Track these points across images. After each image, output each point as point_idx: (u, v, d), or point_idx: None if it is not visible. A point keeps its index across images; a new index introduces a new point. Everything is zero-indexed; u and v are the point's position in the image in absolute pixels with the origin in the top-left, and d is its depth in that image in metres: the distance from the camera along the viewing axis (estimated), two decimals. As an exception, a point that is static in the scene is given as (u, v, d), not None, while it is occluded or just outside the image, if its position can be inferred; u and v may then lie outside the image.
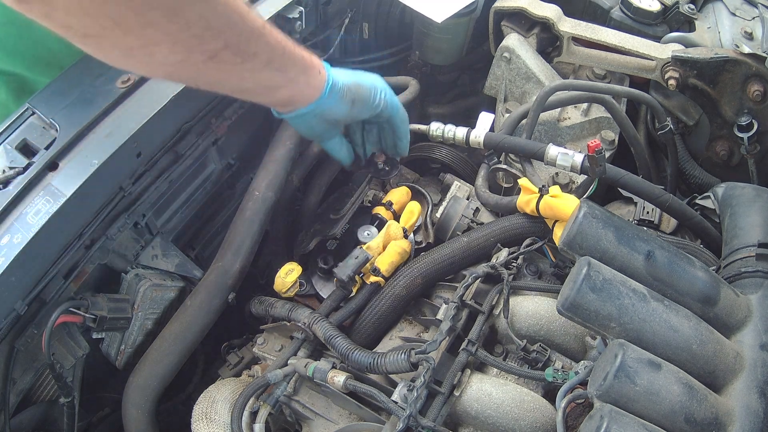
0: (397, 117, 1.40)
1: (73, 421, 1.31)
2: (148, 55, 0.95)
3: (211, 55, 0.99)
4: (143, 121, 1.24)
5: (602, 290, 0.95)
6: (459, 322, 1.18)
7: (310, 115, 1.26)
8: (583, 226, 1.05)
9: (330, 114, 1.28)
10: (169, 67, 1.00)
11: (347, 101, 1.28)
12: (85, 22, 0.86)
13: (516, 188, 1.48)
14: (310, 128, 1.31)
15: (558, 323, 1.17)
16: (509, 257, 1.27)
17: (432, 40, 1.92)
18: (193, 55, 0.98)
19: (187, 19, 0.93)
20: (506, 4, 1.75)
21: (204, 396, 1.27)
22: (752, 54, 1.47)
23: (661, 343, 0.95)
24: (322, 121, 1.29)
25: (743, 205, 1.27)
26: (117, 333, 1.37)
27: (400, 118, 1.41)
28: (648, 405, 0.89)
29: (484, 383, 1.10)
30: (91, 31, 0.88)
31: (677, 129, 1.75)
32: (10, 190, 1.13)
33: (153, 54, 0.95)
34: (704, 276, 1.05)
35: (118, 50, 0.94)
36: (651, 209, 1.43)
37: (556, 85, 1.53)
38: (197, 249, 1.68)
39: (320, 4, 1.65)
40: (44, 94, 1.25)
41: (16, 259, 1.08)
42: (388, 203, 1.45)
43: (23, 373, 1.25)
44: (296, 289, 1.38)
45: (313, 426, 1.21)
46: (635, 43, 1.64)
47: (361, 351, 1.16)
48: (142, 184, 1.33)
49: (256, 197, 1.46)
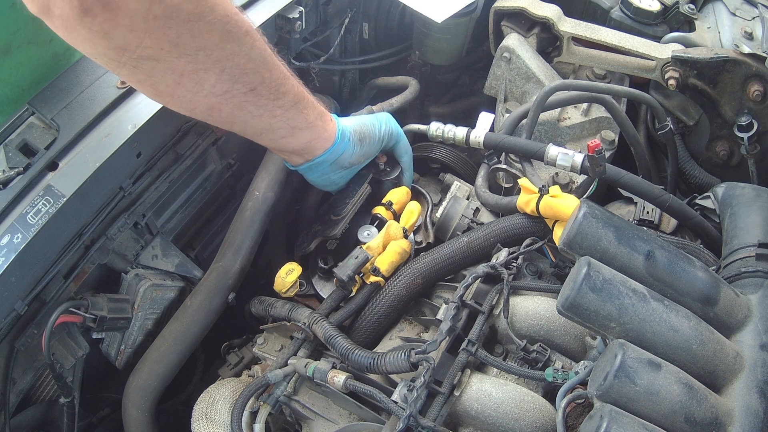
0: (400, 146, 1.48)
1: (73, 421, 1.31)
2: (196, 83, 0.99)
3: (251, 87, 1.06)
4: (143, 121, 1.24)
5: (602, 290, 0.95)
6: (459, 322, 1.18)
7: (326, 163, 1.34)
8: (583, 226, 1.05)
9: (344, 159, 1.36)
10: (214, 99, 1.04)
11: (357, 141, 1.36)
12: (145, 42, 0.89)
13: (516, 188, 1.48)
14: (325, 176, 1.39)
15: (558, 323, 1.17)
16: (509, 257, 1.27)
17: (432, 40, 1.92)
18: (237, 86, 1.04)
19: (234, 50, 0.99)
20: (506, 4, 1.74)
21: (204, 396, 1.27)
22: (752, 54, 1.47)
23: (661, 343, 0.95)
24: (336, 167, 1.37)
25: (743, 205, 1.27)
26: (117, 333, 1.37)
27: (403, 147, 1.49)
28: (648, 405, 0.89)
29: (484, 383, 1.10)
30: (148, 52, 0.91)
31: (677, 129, 1.75)
32: (10, 190, 1.13)
33: (202, 82, 0.99)
34: (704, 276, 1.05)
35: (169, 77, 0.97)
36: (651, 209, 1.43)
37: (556, 85, 1.53)
38: (197, 249, 1.68)
39: (320, 4, 1.65)
40: (44, 94, 1.25)
41: (16, 259, 1.08)
42: (388, 203, 1.46)
43: (23, 373, 1.25)
44: (296, 289, 1.38)
45: (313, 426, 1.21)
46: (635, 43, 1.64)
47: (361, 351, 1.16)
48: (142, 184, 1.34)
49: (256, 197, 1.46)
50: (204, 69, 0.98)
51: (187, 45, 0.93)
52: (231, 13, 0.97)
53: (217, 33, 0.95)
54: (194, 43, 0.93)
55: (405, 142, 1.50)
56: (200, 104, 1.05)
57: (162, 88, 1.00)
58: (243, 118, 1.12)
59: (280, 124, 1.18)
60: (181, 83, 0.98)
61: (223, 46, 0.97)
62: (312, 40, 1.68)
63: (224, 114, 1.09)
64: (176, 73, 0.96)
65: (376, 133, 1.40)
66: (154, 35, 0.89)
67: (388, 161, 1.52)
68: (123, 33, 0.87)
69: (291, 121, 1.19)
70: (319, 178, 1.39)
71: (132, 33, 0.88)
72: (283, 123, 1.18)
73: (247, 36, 1.01)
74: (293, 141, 1.25)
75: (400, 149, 1.49)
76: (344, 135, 1.32)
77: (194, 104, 1.05)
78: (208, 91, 1.01)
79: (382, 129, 1.41)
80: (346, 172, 1.42)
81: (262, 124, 1.16)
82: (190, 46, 0.93)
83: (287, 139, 1.23)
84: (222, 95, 1.03)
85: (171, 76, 0.97)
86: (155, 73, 0.96)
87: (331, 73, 1.91)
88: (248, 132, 1.19)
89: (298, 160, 1.33)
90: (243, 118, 1.12)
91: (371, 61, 1.97)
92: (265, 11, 1.46)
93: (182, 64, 0.95)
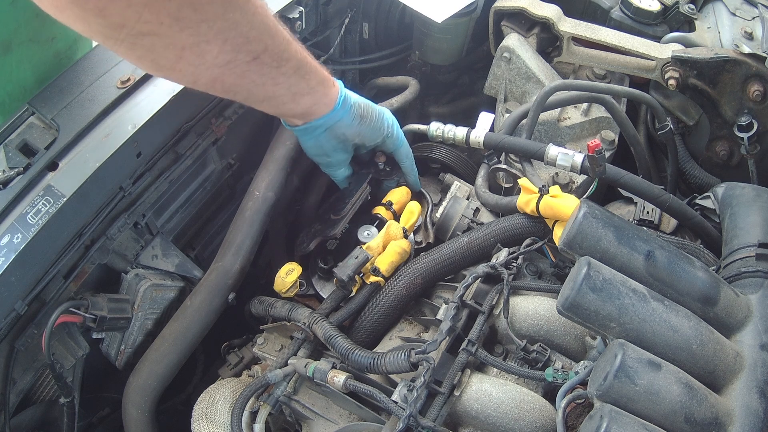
0: (401, 150, 1.48)
1: (73, 421, 1.31)
2: (199, 55, 0.96)
3: (255, 56, 1.03)
4: (143, 121, 1.24)
5: (602, 290, 0.95)
6: (459, 322, 1.18)
7: (321, 128, 1.31)
8: (583, 226, 1.05)
9: (339, 128, 1.33)
10: (217, 70, 1.01)
11: (356, 116, 1.34)
12: (144, 17, 0.85)
13: (516, 188, 1.48)
14: (318, 145, 1.37)
15: (558, 323, 1.17)
16: (509, 257, 1.27)
17: (432, 40, 1.92)
18: (240, 55, 1.01)
19: (236, 19, 0.96)
20: (506, 4, 1.74)
21: (204, 396, 1.27)
22: (752, 54, 1.47)
23: (661, 343, 0.95)
24: (331, 136, 1.34)
25: (743, 205, 1.27)
26: (117, 333, 1.37)
27: (404, 152, 1.49)
28: (648, 405, 0.89)
29: (484, 383, 1.10)
30: (147, 27, 0.87)
31: (677, 129, 1.75)
32: (10, 190, 1.13)
33: (204, 54, 0.96)
34: (704, 276, 1.05)
35: (171, 51, 0.94)
36: (651, 209, 1.43)
37: (556, 85, 1.53)
38: (197, 249, 1.68)
39: (320, 4, 1.65)
40: (44, 94, 1.25)
41: (16, 259, 1.08)
42: (388, 203, 1.46)
43: (23, 373, 1.25)
44: (296, 289, 1.38)
45: (313, 426, 1.21)
46: (635, 43, 1.64)
47: (361, 351, 1.16)
48: (142, 184, 1.34)
49: (256, 197, 1.46)
50: (206, 41, 0.94)
51: (189, 18, 0.89)
52: None
53: (219, 3, 0.92)
54: (196, 15, 0.90)
55: (406, 147, 1.49)
56: (203, 76, 1.03)
57: (163, 62, 0.97)
58: (246, 87, 1.10)
59: (283, 91, 1.16)
60: (183, 57, 0.95)
61: (225, 15, 0.93)
62: (312, 40, 1.68)
63: (227, 84, 1.07)
64: (177, 47, 0.93)
65: (378, 119, 1.39)
66: (154, 9, 0.85)
67: (387, 161, 1.52)
68: (120, 9, 0.84)
69: (293, 87, 1.17)
70: (312, 143, 1.36)
71: (130, 8, 0.84)
72: (285, 90, 1.16)
73: (248, 3, 0.97)
74: (295, 107, 1.24)
75: (402, 154, 1.48)
76: (346, 102, 1.30)
77: (197, 77, 1.03)
78: (210, 63, 0.98)
79: (386, 120, 1.40)
80: (339, 144, 1.39)
81: (265, 92, 1.14)
82: (191, 19, 0.90)
83: (289, 105, 1.22)
84: (225, 66, 1.00)
85: (172, 51, 0.94)
86: (155, 48, 0.93)
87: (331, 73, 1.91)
88: (251, 100, 1.17)
89: (297, 122, 1.31)
90: (246, 87, 1.10)
91: (371, 61, 1.97)
92: (265, 11, 1.46)
93: (184, 38, 0.92)
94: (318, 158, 1.44)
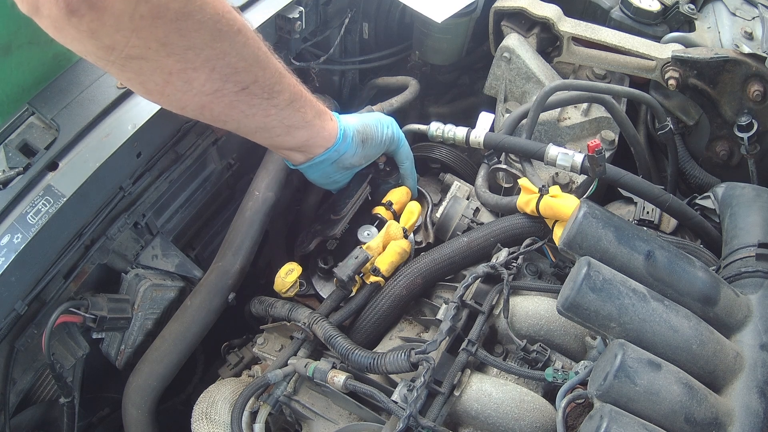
0: (401, 152, 1.48)
1: (73, 421, 1.31)
2: (186, 81, 0.98)
3: (243, 86, 1.04)
4: (143, 121, 1.24)
5: (602, 290, 0.95)
6: (459, 322, 1.18)
7: (326, 163, 1.33)
8: (583, 226, 1.05)
9: (345, 159, 1.35)
10: (205, 97, 1.02)
11: (359, 143, 1.36)
12: (132, 41, 0.88)
13: (516, 188, 1.48)
14: (326, 175, 1.38)
15: (558, 323, 1.17)
16: (509, 257, 1.27)
17: (432, 40, 1.92)
18: (228, 85, 1.02)
19: (224, 49, 0.97)
20: (506, 4, 1.75)
21: (204, 396, 1.27)
22: (752, 54, 1.47)
23: (661, 343, 0.95)
24: (338, 168, 1.36)
25: (743, 205, 1.27)
26: (117, 333, 1.37)
27: (404, 154, 1.49)
28: (648, 405, 0.89)
29: (484, 383, 1.10)
30: (136, 51, 0.90)
31: (677, 129, 1.75)
32: (10, 190, 1.13)
33: (191, 81, 0.98)
34: (704, 276, 1.05)
35: (158, 75, 0.96)
36: (651, 209, 1.43)
37: (556, 85, 1.52)
38: (197, 249, 1.68)
39: (320, 4, 1.65)
40: (44, 94, 1.25)
41: (16, 259, 1.08)
42: (388, 203, 1.46)
43: (23, 373, 1.25)
44: (296, 289, 1.38)
45: (313, 426, 1.21)
46: (635, 43, 1.64)
47: (361, 351, 1.16)
48: (142, 184, 1.33)
49: (256, 197, 1.46)
50: (193, 68, 0.96)
51: (175, 44, 0.91)
52: (222, 11, 0.96)
53: (206, 31, 0.93)
54: (182, 42, 0.92)
55: (406, 149, 1.49)
56: (190, 103, 1.04)
57: (151, 86, 0.99)
58: (236, 117, 1.10)
59: (275, 123, 1.17)
60: (170, 82, 0.97)
61: (212, 44, 0.95)
62: (312, 40, 1.68)
63: (216, 113, 1.08)
64: (165, 71, 0.95)
65: (378, 136, 1.39)
66: (141, 35, 0.88)
67: (387, 161, 1.52)
68: (110, 33, 0.86)
69: (286, 120, 1.18)
70: (321, 177, 1.38)
71: (119, 33, 0.87)
72: (277, 122, 1.16)
73: (239, 34, 0.99)
74: (290, 139, 1.24)
75: (402, 155, 1.49)
76: (346, 135, 1.31)
77: (184, 102, 1.04)
78: (198, 90, 1.00)
79: (385, 133, 1.40)
80: (348, 172, 1.42)
81: (256, 123, 1.15)
82: (178, 45, 0.92)
83: (283, 138, 1.22)
84: (212, 94, 1.02)
85: (160, 75, 0.96)
86: (144, 71, 0.95)
87: (331, 73, 1.91)
88: (242, 130, 1.18)
89: (299, 159, 1.32)
90: (236, 117, 1.11)
91: (371, 61, 1.97)
92: (265, 11, 1.46)
93: (171, 63, 0.94)
94: (326, 186, 1.46)
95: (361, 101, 2.00)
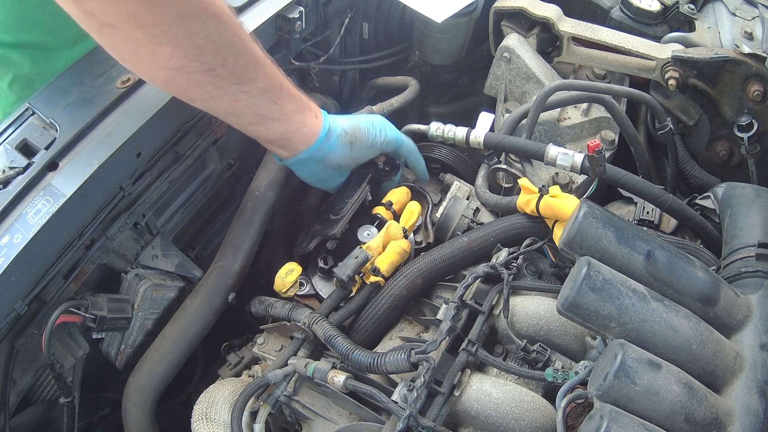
0: (402, 149, 1.47)
1: (73, 421, 1.31)
2: (152, 54, 1.02)
3: (209, 67, 1.07)
4: (143, 121, 1.24)
5: (602, 290, 0.95)
6: (459, 322, 1.18)
7: (311, 161, 1.32)
8: (583, 226, 1.05)
9: (332, 159, 1.34)
10: (169, 72, 1.06)
11: (346, 144, 1.35)
12: (106, 10, 0.95)
13: (516, 188, 1.48)
14: (314, 174, 1.38)
15: (558, 323, 1.17)
16: (509, 257, 1.27)
17: (432, 40, 1.92)
18: (192, 64, 1.05)
19: (193, 29, 1.01)
20: (506, 4, 1.75)
21: (204, 396, 1.27)
22: (752, 54, 1.47)
23: (661, 343, 0.95)
24: (325, 167, 1.35)
25: (743, 205, 1.27)
26: (117, 333, 1.37)
27: (406, 149, 1.48)
28: (648, 405, 0.89)
29: (484, 383, 1.10)
30: (109, 20, 0.97)
31: (677, 129, 1.75)
32: (10, 190, 1.13)
33: (156, 54, 1.02)
34: (704, 276, 1.05)
35: (128, 44, 1.02)
36: (651, 209, 1.43)
37: (556, 85, 1.52)
38: (197, 249, 1.68)
39: (320, 4, 1.65)
40: (44, 94, 1.25)
41: (16, 259, 1.08)
42: (388, 203, 1.46)
43: (23, 373, 1.25)
44: (296, 289, 1.38)
45: (313, 426, 1.21)
46: (635, 43, 1.64)
47: (361, 351, 1.16)
48: (142, 184, 1.33)
49: (256, 197, 1.46)
50: (159, 42, 1.00)
51: (144, 18, 0.96)
52: None
53: (175, 10, 0.98)
54: (150, 17, 0.96)
55: (407, 145, 1.48)
56: (158, 75, 1.09)
57: (122, 54, 1.06)
58: (202, 96, 1.13)
59: (244, 110, 1.18)
60: (138, 53, 1.03)
61: (180, 23, 0.99)
62: (312, 40, 1.68)
63: (182, 88, 1.12)
64: (134, 42, 1.00)
65: (369, 140, 1.38)
66: (113, 5, 0.94)
67: (387, 161, 1.52)
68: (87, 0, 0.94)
69: (258, 109, 1.18)
70: (309, 175, 1.38)
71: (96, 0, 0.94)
72: (248, 109, 1.18)
73: (212, 18, 1.02)
74: (264, 130, 1.25)
75: (404, 151, 1.48)
76: (331, 134, 1.30)
77: (152, 74, 1.10)
78: (162, 64, 1.04)
79: (378, 137, 1.39)
80: (336, 172, 1.40)
81: (224, 106, 1.17)
82: (146, 19, 0.96)
83: (255, 127, 1.23)
84: (177, 70, 1.05)
85: (129, 45, 1.02)
86: (116, 39, 1.02)
87: (331, 73, 1.91)
88: (213, 111, 1.21)
89: (282, 154, 1.33)
90: (202, 97, 1.13)
91: (371, 61, 1.96)
92: (265, 11, 1.46)
93: (139, 35, 0.99)
94: (317, 185, 1.46)
95: (361, 101, 2.00)
